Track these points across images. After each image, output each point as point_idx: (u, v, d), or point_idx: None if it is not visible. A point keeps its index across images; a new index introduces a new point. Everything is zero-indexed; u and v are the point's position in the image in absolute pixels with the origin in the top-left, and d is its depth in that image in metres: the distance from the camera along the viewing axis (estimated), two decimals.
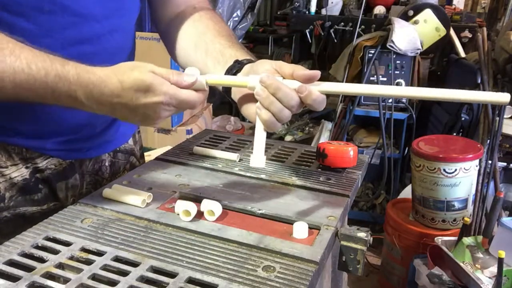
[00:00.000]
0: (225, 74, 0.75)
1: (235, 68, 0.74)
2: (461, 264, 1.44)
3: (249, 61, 0.74)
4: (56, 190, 0.83)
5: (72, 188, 0.86)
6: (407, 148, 2.54)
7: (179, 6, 0.90)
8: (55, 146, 0.81)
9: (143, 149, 1.06)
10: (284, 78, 0.67)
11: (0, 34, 0.62)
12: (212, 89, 0.77)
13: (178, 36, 0.88)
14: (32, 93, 0.63)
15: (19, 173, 0.78)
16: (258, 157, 0.66)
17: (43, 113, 0.76)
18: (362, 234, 0.65)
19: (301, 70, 0.66)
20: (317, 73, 0.65)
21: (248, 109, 0.70)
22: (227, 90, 0.75)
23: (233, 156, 0.91)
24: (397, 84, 2.38)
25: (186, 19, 0.88)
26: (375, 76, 2.37)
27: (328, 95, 0.70)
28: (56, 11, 0.70)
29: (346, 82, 2.47)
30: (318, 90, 0.65)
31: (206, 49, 0.82)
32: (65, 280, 0.54)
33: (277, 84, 0.64)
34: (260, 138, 0.67)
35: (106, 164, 0.92)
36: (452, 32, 2.48)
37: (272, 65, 0.68)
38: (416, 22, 2.38)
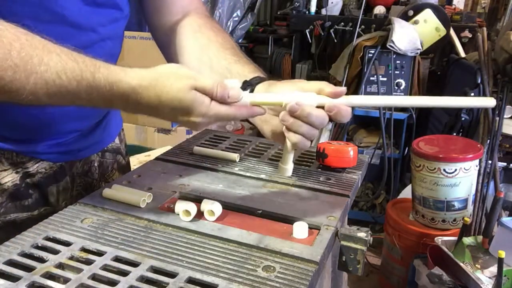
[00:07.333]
0: None
1: (246, 90, 0.72)
2: (461, 264, 1.44)
3: (259, 80, 0.73)
4: (48, 195, 0.83)
5: (63, 191, 0.85)
6: (407, 148, 2.54)
7: (175, 15, 0.86)
8: (46, 150, 0.80)
9: (127, 147, 1.04)
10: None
11: (26, 35, 0.58)
12: None
13: (178, 49, 0.84)
14: (67, 101, 0.61)
15: (9, 178, 0.77)
16: (285, 168, 0.72)
17: (29, 119, 0.74)
18: (362, 234, 0.65)
19: (327, 87, 0.65)
20: (344, 89, 0.65)
21: (264, 128, 0.72)
22: None
23: (233, 156, 0.91)
24: (397, 84, 2.38)
25: (185, 29, 0.84)
26: (375, 76, 2.37)
27: None
28: (55, 21, 0.69)
29: (345, 82, 2.47)
30: (347, 105, 0.64)
31: (211, 66, 0.79)
32: (65, 280, 0.54)
33: (307, 111, 0.63)
34: (288, 154, 0.71)
35: (95, 164, 0.92)
36: (452, 32, 2.48)
37: (293, 86, 0.67)
38: (416, 22, 2.38)
